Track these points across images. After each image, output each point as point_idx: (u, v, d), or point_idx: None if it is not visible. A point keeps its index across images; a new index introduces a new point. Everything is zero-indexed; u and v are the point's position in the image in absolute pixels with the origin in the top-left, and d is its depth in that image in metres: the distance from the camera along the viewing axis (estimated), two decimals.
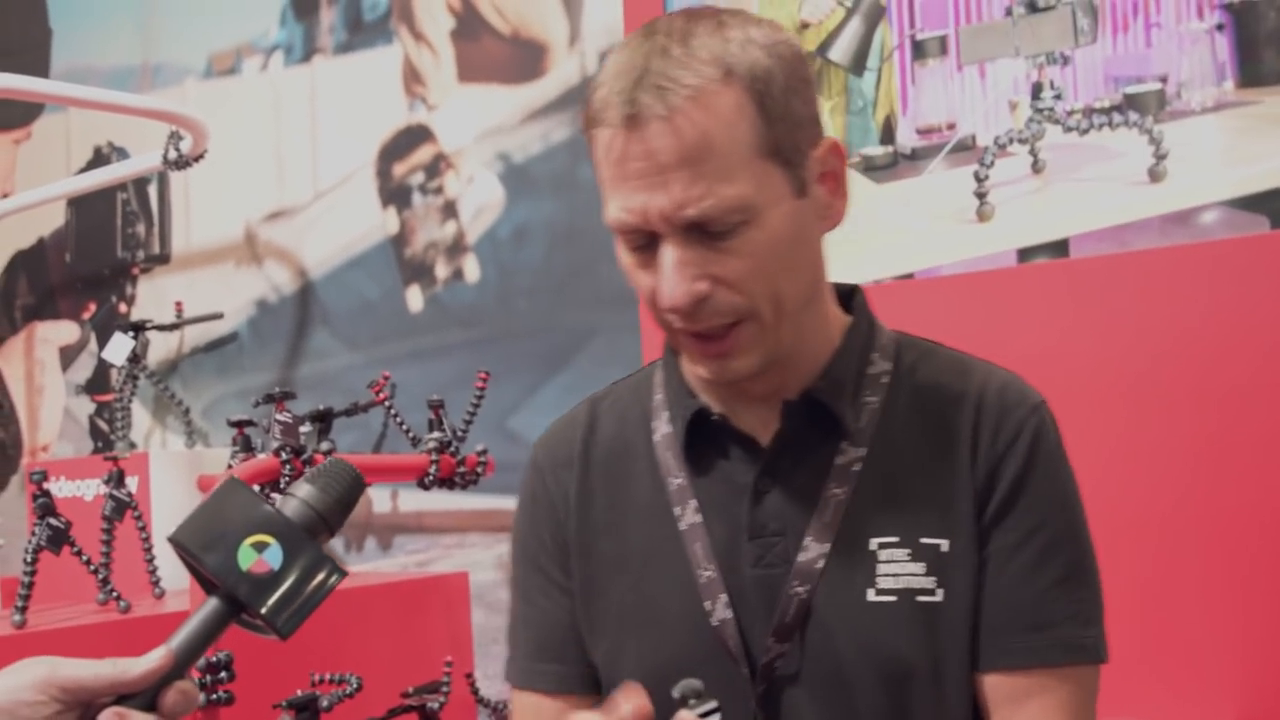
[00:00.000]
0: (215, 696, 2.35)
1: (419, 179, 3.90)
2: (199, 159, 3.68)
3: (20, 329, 4.98)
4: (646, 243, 1.19)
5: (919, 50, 2.90)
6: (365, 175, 4.02)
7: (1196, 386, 2.38)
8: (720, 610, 1.25)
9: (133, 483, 3.34)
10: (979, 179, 2.82)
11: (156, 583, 3.13)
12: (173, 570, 3.10)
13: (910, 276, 2.88)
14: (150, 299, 4.58)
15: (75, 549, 2.83)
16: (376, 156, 4.00)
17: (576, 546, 1.35)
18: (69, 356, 4.83)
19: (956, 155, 2.87)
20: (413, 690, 2.75)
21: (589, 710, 1.11)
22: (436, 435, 2.93)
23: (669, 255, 1.17)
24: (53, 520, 2.80)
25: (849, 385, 1.29)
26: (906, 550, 1.23)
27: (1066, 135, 2.74)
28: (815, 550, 1.24)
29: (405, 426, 3.06)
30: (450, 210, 3.83)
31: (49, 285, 4.91)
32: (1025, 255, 2.77)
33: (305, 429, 2.76)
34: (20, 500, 4.49)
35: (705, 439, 1.31)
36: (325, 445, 2.74)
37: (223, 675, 2.35)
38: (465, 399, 3.02)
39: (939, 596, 1.23)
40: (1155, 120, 2.63)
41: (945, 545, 1.24)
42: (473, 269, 3.78)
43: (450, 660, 2.80)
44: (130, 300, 4.65)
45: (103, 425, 4.67)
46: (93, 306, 4.77)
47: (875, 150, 2.97)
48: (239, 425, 2.90)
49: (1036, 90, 2.76)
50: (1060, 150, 2.76)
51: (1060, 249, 2.74)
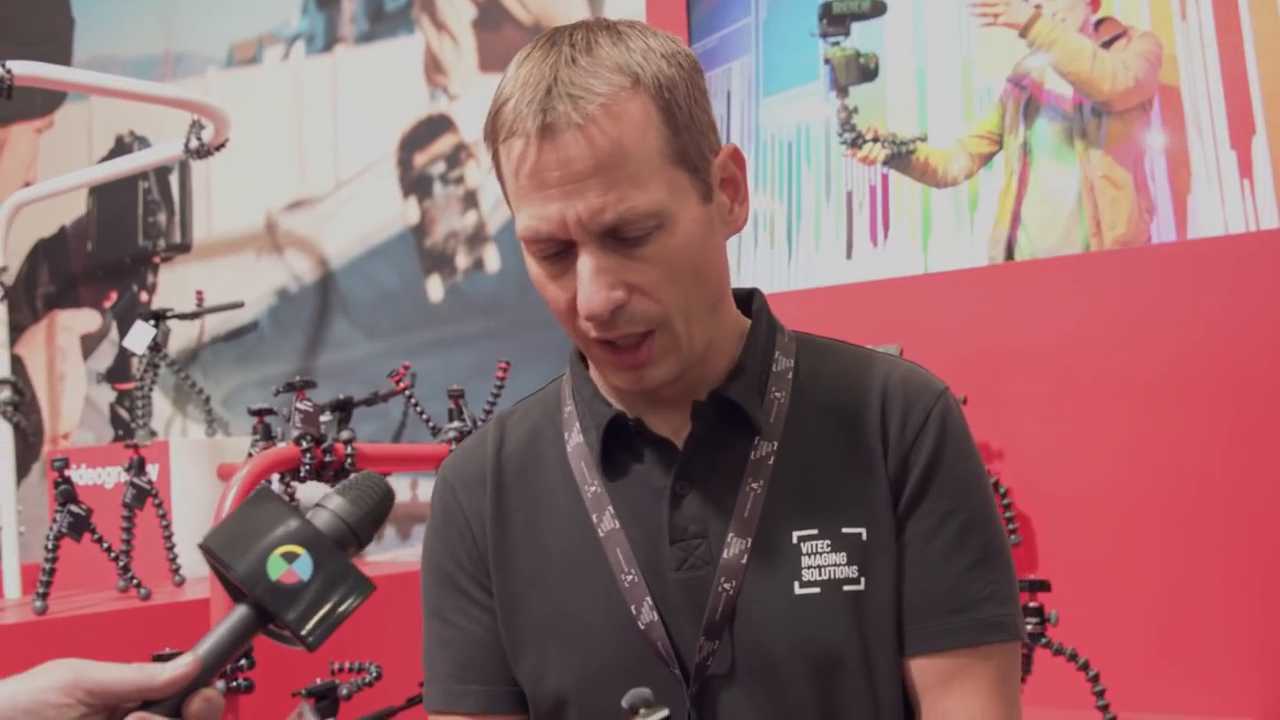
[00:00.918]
0: (235, 684, 2.36)
1: (440, 169, 3.90)
2: (220, 148, 3.68)
3: (42, 317, 5.00)
4: (558, 252, 1.19)
5: None
6: (386, 165, 4.02)
7: (1216, 381, 2.37)
8: (646, 613, 1.24)
9: (153, 470, 3.35)
10: None
11: (176, 570, 3.14)
12: (192, 558, 3.11)
13: None
14: (171, 288, 4.59)
15: (96, 536, 2.84)
16: (397, 146, 4.00)
17: (494, 562, 1.34)
18: (90, 345, 4.85)
19: None
20: None
21: None
22: (456, 424, 2.93)
23: (586, 264, 1.17)
24: (74, 507, 2.81)
25: (755, 382, 1.30)
26: (827, 541, 1.24)
27: None
28: (738, 546, 1.24)
29: (425, 416, 3.06)
30: (471, 200, 3.83)
31: (70, 274, 4.93)
32: None
33: (325, 418, 2.76)
34: (42, 487, 4.51)
35: (620, 445, 1.30)
36: (345, 434, 2.74)
37: (242, 663, 2.35)
38: (485, 388, 3.02)
39: (862, 585, 1.24)
40: None
41: (865, 534, 1.25)
42: (493, 259, 3.77)
43: None
44: (151, 289, 4.66)
45: (123, 413, 4.69)
46: (114, 295, 4.79)
47: None
48: (259, 414, 2.90)
49: None
50: None
51: None
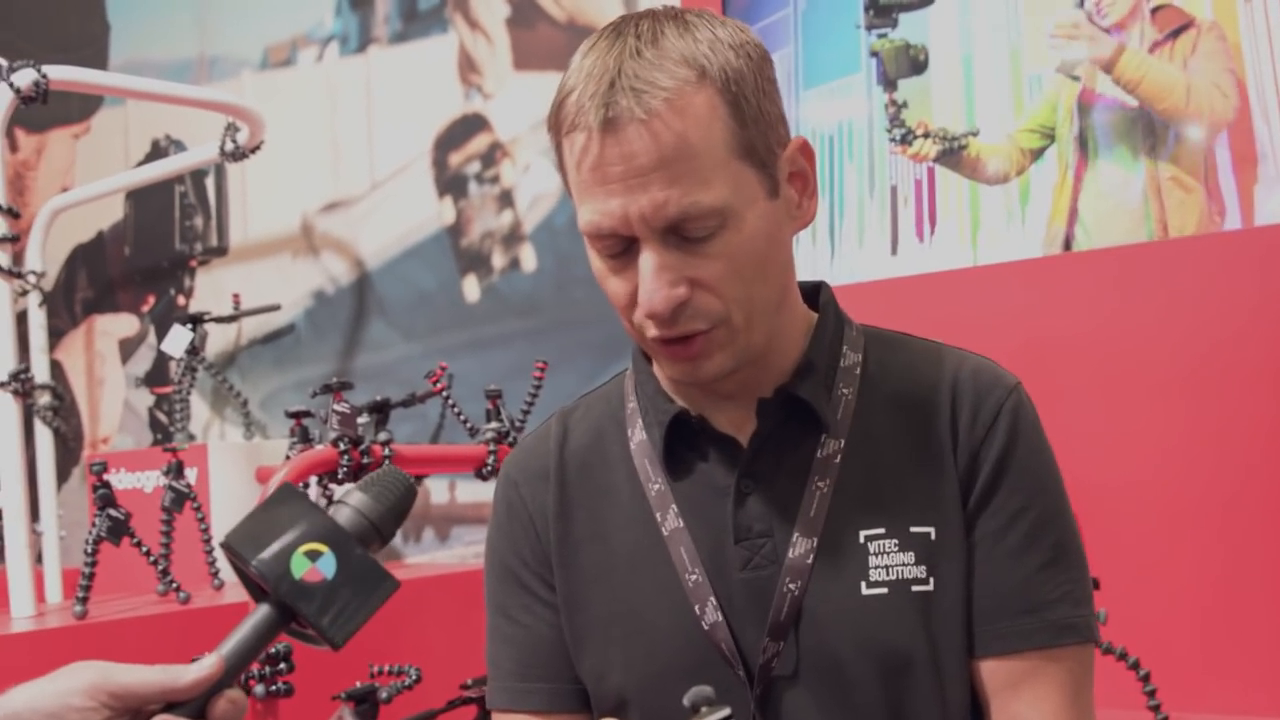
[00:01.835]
0: (274, 688, 2.35)
1: (475, 168, 3.88)
2: (255, 150, 3.68)
3: (80, 322, 5.02)
4: (622, 249, 1.18)
5: None
6: (421, 165, 4.01)
7: (1261, 372, 2.33)
8: (710, 613, 1.23)
9: (192, 474, 3.35)
10: None
11: (216, 574, 3.13)
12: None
13: None
14: (208, 291, 4.60)
15: (135, 540, 2.84)
16: (432, 146, 3.99)
17: (558, 559, 1.32)
18: (128, 349, 4.86)
19: None
20: (471, 682, 2.73)
21: None
22: (494, 425, 2.91)
23: (649, 260, 1.15)
24: (113, 511, 2.81)
25: (823, 379, 1.27)
26: (895, 540, 1.22)
27: None
28: (804, 546, 1.21)
29: (463, 417, 3.04)
30: (507, 199, 3.81)
31: (108, 278, 4.95)
32: None
33: (363, 420, 2.75)
34: (82, 492, 4.52)
35: (683, 442, 1.29)
36: (383, 436, 2.73)
37: (281, 667, 2.34)
38: (523, 389, 3.00)
39: (930, 585, 1.21)
40: None
41: (933, 533, 1.22)
42: (529, 258, 3.76)
43: None
44: (188, 293, 4.67)
45: (162, 417, 4.70)
46: (151, 299, 4.80)
47: None
48: (297, 416, 2.90)
49: None
50: None
51: None
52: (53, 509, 3.57)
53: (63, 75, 3.05)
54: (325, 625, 0.99)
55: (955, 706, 1.22)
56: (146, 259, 4.82)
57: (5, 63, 2.97)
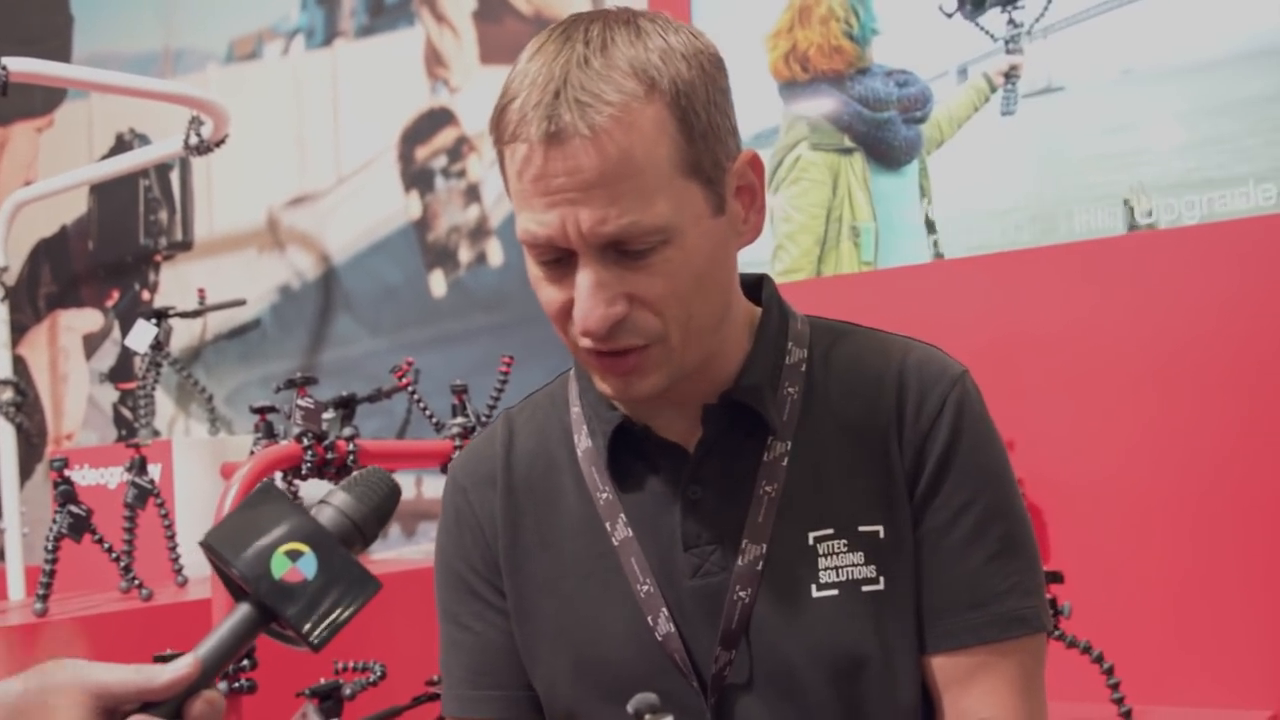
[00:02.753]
0: (238, 685, 2.33)
1: (441, 162, 3.87)
2: (220, 144, 3.66)
3: (44, 317, 4.98)
4: (558, 258, 1.15)
5: None
6: (387, 159, 3.99)
7: (1230, 369, 2.34)
8: (663, 624, 1.21)
9: (156, 470, 3.33)
10: None
11: (179, 570, 3.11)
12: (195, 558, 3.08)
13: None
14: (173, 286, 4.57)
15: (96, 536, 2.81)
16: (398, 140, 3.97)
17: (507, 566, 1.30)
18: (92, 344, 4.83)
19: None
20: (437, 678, 2.72)
21: None
22: (460, 421, 2.90)
23: (586, 277, 1.13)
24: (74, 508, 2.79)
25: (767, 380, 1.24)
26: (844, 541, 1.20)
27: None
28: (753, 552, 1.20)
29: (429, 412, 3.03)
30: (473, 194, 3.80)
31: (72, 273, 4.91)
32: None
33: (328, 415, 2.73)
34: (46, 489, 4.49)
35: (629, 451, 1.26)
36: (348, 431, 2.71)
37: (245, 664, 2.33)
38: (489, 384, 2.99)
39: (881, 584, 1.20)
40: None
41: (882, 531, 1.20)
42: (496, 253, 3.75)
43: None
44: (153, 287, 4.64)
45: (126, 413, 4.67)
46: (116, 294, 4.77)
47: None
48: (261, 412, 2.88)
49: None
50: None
51: None
52: (15, 506, 3.54)
53: (24, 68, 3.03)
54: (305, 627, 0.97)
55: (908, 705, 1.21)
56: (111, 253, 4.78)
57: None
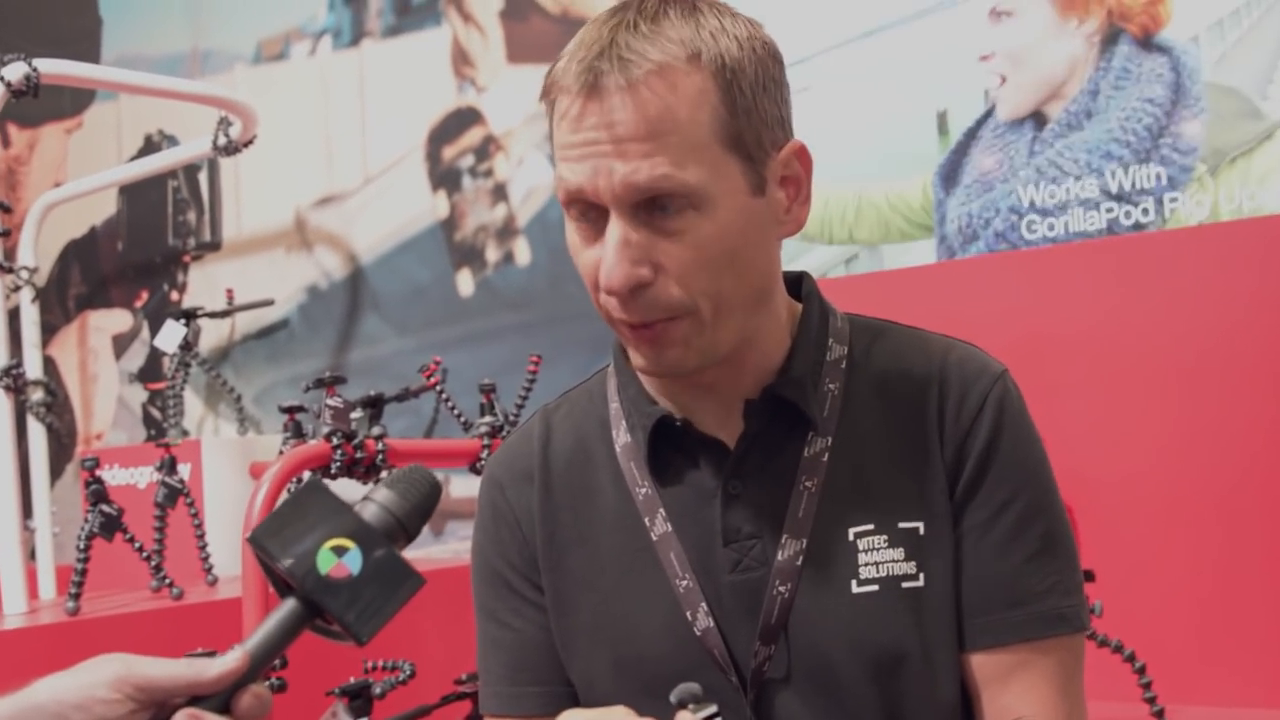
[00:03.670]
0: (268, 683, 2.33)
1: (469, 162, 3.88)
2: (248, 145, 3.67)
3: (73, 318, 5.01)
4: (594, 216, 1.15)
5: None
6: (415, 159, 4.00)
7: (1257, 365, 2.32)
8: (702, 619, 1.21)
9: (185, 470, 3.34)
10: None
11: (209, 569, 3.12)
12: (225, 557, 3.10)
13: None
14: (201, 286, 4.59)
15: (128, 536, 2.83)
16: (426, 140, 3.98)
17: (545, 562, 1.30)
18: (122, 345, 4.85)
19: None
20: (466, 677, 2.72)
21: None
22: (488, 419, 2.90)
23: (614, 233, 1.13)
24: (105, 507, 2.80)
25: (809, 377, 1.24)
26: (884, 537, 1.20)
27: None
28: (793, 548, 1.20)
29: (457, 411, 3.04)
30: (500, 193, 3.80)
31: (101, 274, 4.94)
32: None
33: (356, 414, 2.74)
34: (76, 489, 4.51)
35: (669, 445, 1.26)
36: (376, 430, 2.72)
37: (275, 662, 2.34)
38: (517, 383, 3.00)
39: (921, 581, 1.20)
40: None
41: (922, 528, 1.20)
42: (523, 252, 3.75)
43: None
44: (182, 288, 4.66)
45: (155, 413, 4.69)
46: (145, 294, 4.79)
47: None
48: (290, 411, 2.88)
49: None
50: None
51: None
52: (46, 505, 3.55)
53: (54, 69, 3.04)
54: (351, 621, 0.99)
55: (947, 702, 1.21)
56: (139, 254, 4.81)
57: None
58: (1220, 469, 2.34)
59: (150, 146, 4.74)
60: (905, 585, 1.19)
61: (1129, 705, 2.13)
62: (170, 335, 4.03)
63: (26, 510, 3.32)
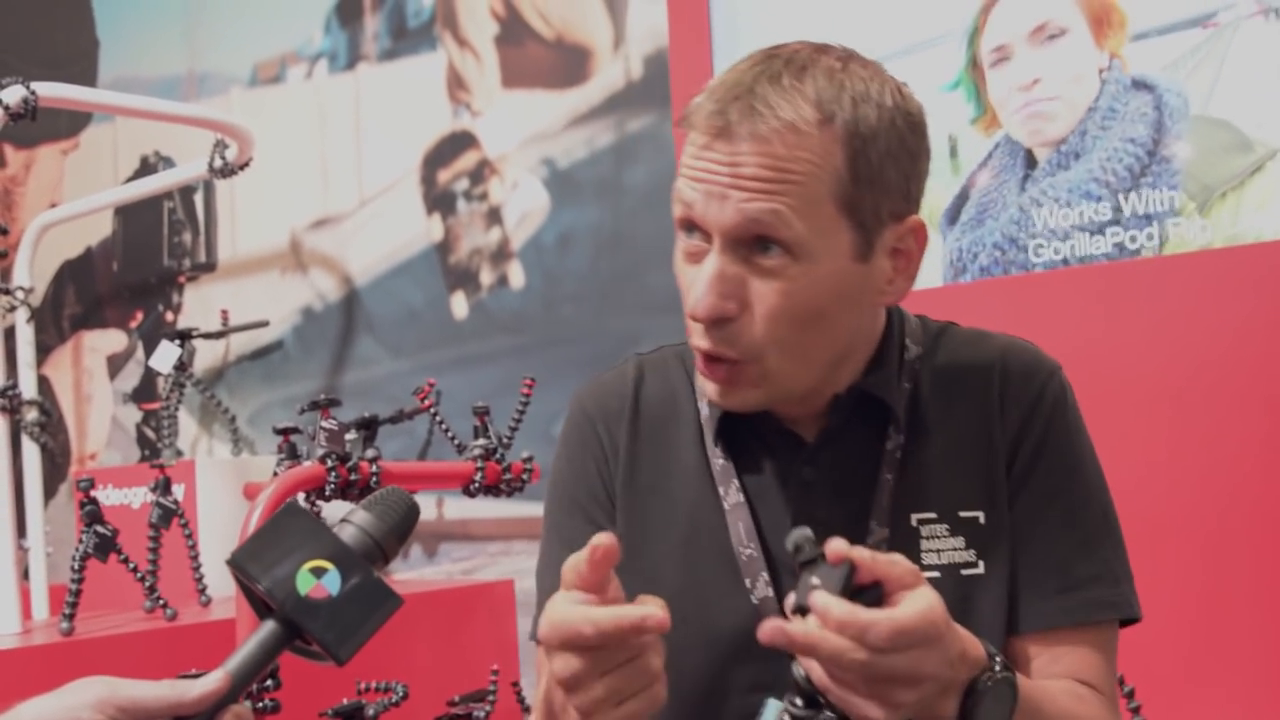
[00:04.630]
0: (261, 705, 2.34)
1: (463, 185, 3.89)
2: (244, 167, 3.68)
3: (68, 338, 5.02)
4: (700, 238, 1.19)
5: None
6: (410, 182, 4.02)
7: (1245, 391, 2.34)
8: (761, 588, 1.26)
9: (179, 490, 3.34)
10: None
11: (203, 590, 3.13)
12: (219, 577, 3.10)
13: None
14: (196, 307, 4.60)
15: (122, 556, 2.83)
16: (421, 163, 4.00)
17: (622, 501, 1.35)
18: (116, 365, 4.86)
19: None
20: (459, 699, 2.73)
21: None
22: (482, 442, 2.92)
23: (711, 264, 1.17)
24: (100, 528, 2.81)
25: (895, 375, 1.30)
26: (946, 525, 1.26)
27: None
28: (879, 535, 1.25)
29: (450, 433, 3.05)
30: (495, 216, 3.82)
31: (96, 294, 4.95)
32: None
33: (350, 436, 2.75)
34: (69, 508, 4.51)
35: (745, 427, 1.31)
36: (371, 453, 2.73)
37: (269, 683, 2.34)
38: (510, 406, 3.01)
39: (980, 568, 1.25)
40: None
41: (983, 517, 1.26)
42: (517, 275, 3.77)
43: (496, 668, 2.78)
44: (177, 309, 4.67)
45: (150, 433, 4.69)
46: (139, 315, 4.80)
47: None
48: (284, 433, 2.89)
49: None
50: None
51: None
52: (39, 525, 3.56)
53: (52, 92, 3.05)
54: (330, 641, 1.01)
55: None
56: (135, 275, 4.82)
57: None
58: (1210, 492, 2.35)
59: (146, 168, 4.75)
60: (965, 573, 1.25)
61: None
62: (165, 356, 4.04)
63: (20, 530, 3.33)
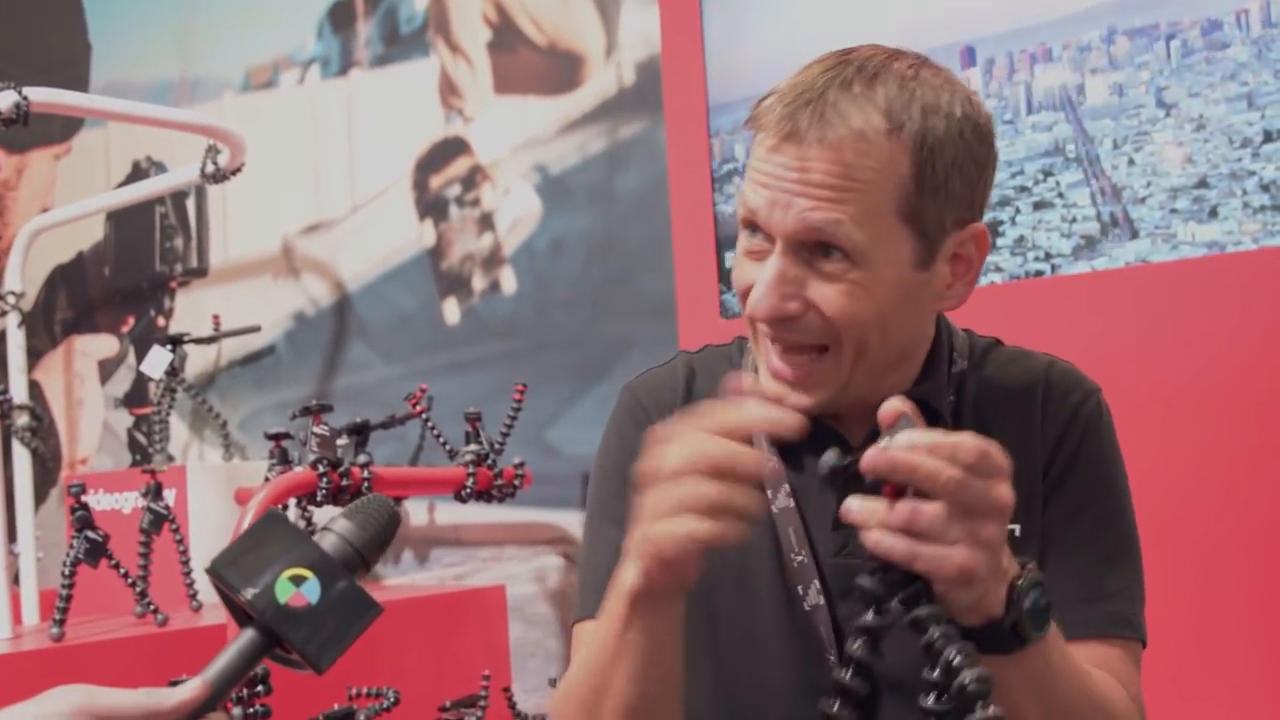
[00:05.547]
0: (252, 710, 2.34)
1: (455, 191, 3.90)
2: (236, 172, 3.68)
3: (59, 343, 5.01)
4: (764, 239, 1.22)
5: None
6: (402, 188, 4.02)
7: (1236, 398, 2.35)
8: (813, 595, 1.28)
9: (170, 495, 3.35)
10: None
11: (194, 595, 3.13)
12: (210, 584, 3.10)
13: None
14: (188, 312, 4.59)
15: (113, 562, 2.83)
16: (413, 169, 4.00)
17: None
18: (107, 370, 4.85)
19: None
20: (450, 704, 2.74)
21: None
22: (473, 448, 2.92)
23: (773, 265, 1.20)
24: (90, 533, 2.80)
25: (944, 385, 1.33)
26: None
27: None
28: None
29: (442, 439, 3.05)
30: (487, 222, 3.82)
31: (88, 299, 4.94)
32: None
33: (342, 442, 2.76)
34: (59, 513, 4.51)
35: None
36: (362, 458, 2.74)
37: (259, 689, 2.34)
38: (502, 411, 3.02)
39: None
40: None
41: (1018, 530, 1.27)
42: (509, 281, 3.77)
43: (488, 674, 2.79)
44: (168, 314, 4.67)
45: (141, 438, 4.69)
46: (131, 320, 4.80)
47: None
48: (276, 438, 2.90)
49: None
50: None
51: None
52: (30, 530, 3.55)
53: (43, 97, 3.05)
54: (310, 650, 1.00)
55: None
56: (126, 280, 4.82)
57: None
58: (1198, 500, 2.36)
59: (138, 173, 4.75)
60: None
61: None
62: (156, 361, 4.04)
63: (11, 534, 3.32)
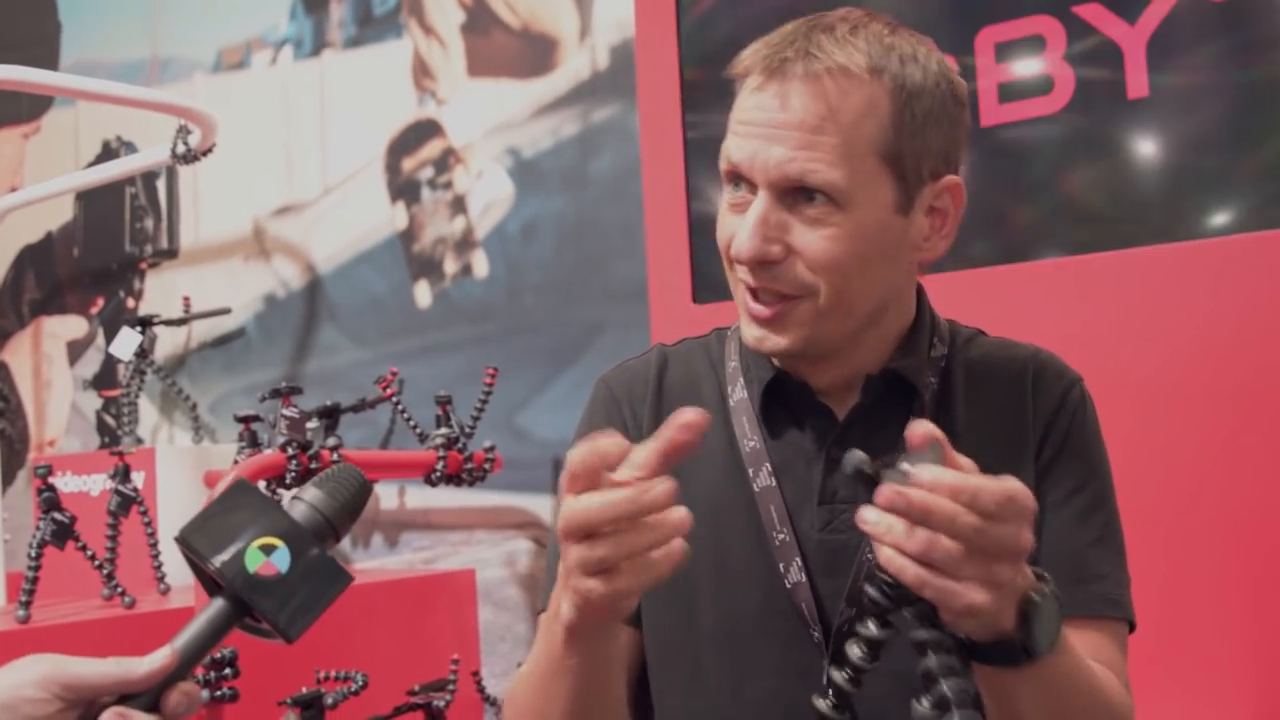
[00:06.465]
0: (220, 693, 2.34)
1: (428, 174, 3.88)
2: (207, 153, 3.66)
3: (28, 323, 4.98)
4: (748, 189, 1.24)
5: None
6: (374, 170, 4.00)
7: (1207, 386, 2.36)
8: (794, 573, 1.28)
9: (139, 478, 3.33)
10: None
11: (162, 578, 3.12)
12: (178, 566, 3.08)
13: None
14: (158, 294, 4.57)
15: (80, 544, 2.81)
16: (385, 151, 3.98)
17: None
18: (76, 351, 4.83)
19: None
20: (419, 688, 2.73)
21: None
22: (444, 431, 2.92)
23: (756, 208, 1.22)
24: (57, 515, 2.79)
25: (924, 363, 1.34)
26: None
27: None
28: None
29: (413, 422, 3.04)
30: (459, 205, 3.81)
31: (57, 280, 4.91)
32: None
33: (312, 425, 2.75)
34: (27, 495, 4.49)
35: (779, 405, 1.34)
36: (332, 441, 2.73)
37: (227, 672, 2.34)
38: (473, 395, 3.01)
39: None
40: None
41: None
42: (481, 264, 3.76)
43: (457, 658, 2.79)
44: (138, 295, 4.64)
45: (110, 420, 4.66)
46: (100, 301, 4.77)
47: None
48: (245, 421, 2.89)
49: None
50: None
51: None
52: None
53: (11, 75, 3.03)
54: (280, 620, 1.00)
55: None
56: (96, 261, 4.79)
57: None
58: (1170, 487, 2.37)
59: (108, 153, 4.72)
60: None
61: None
62: (126, 342, 4.02)
63: None
